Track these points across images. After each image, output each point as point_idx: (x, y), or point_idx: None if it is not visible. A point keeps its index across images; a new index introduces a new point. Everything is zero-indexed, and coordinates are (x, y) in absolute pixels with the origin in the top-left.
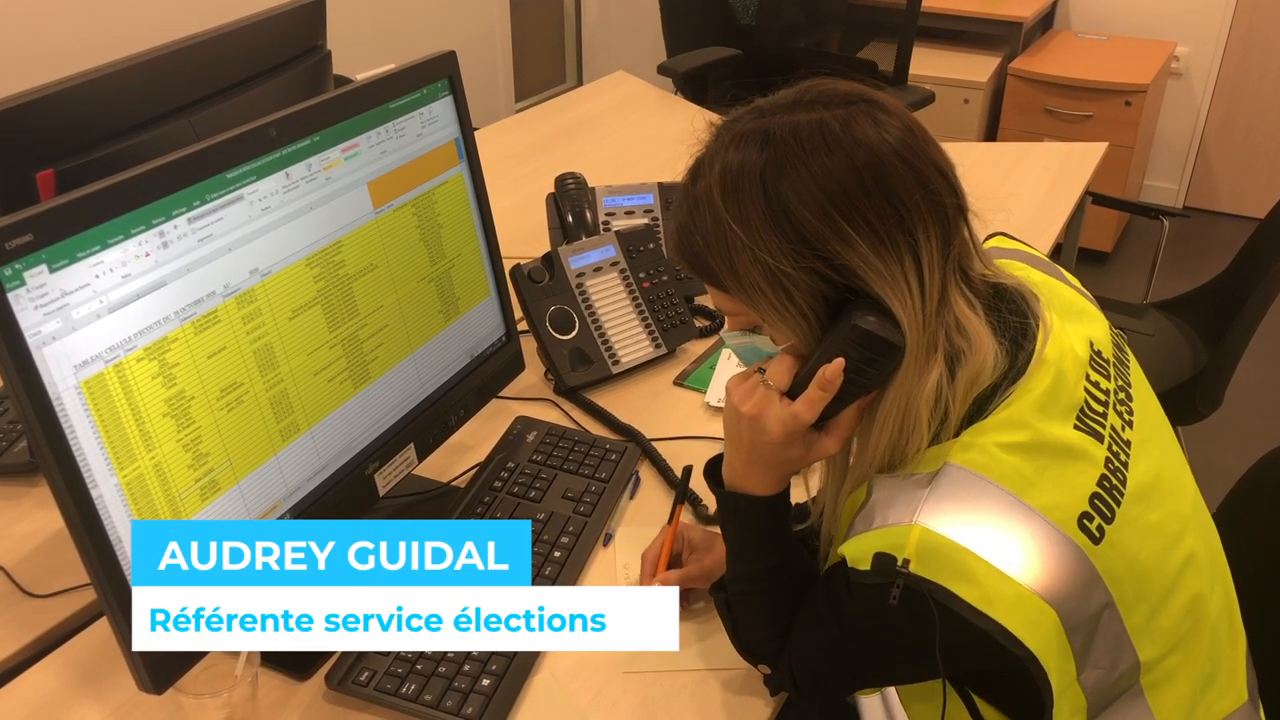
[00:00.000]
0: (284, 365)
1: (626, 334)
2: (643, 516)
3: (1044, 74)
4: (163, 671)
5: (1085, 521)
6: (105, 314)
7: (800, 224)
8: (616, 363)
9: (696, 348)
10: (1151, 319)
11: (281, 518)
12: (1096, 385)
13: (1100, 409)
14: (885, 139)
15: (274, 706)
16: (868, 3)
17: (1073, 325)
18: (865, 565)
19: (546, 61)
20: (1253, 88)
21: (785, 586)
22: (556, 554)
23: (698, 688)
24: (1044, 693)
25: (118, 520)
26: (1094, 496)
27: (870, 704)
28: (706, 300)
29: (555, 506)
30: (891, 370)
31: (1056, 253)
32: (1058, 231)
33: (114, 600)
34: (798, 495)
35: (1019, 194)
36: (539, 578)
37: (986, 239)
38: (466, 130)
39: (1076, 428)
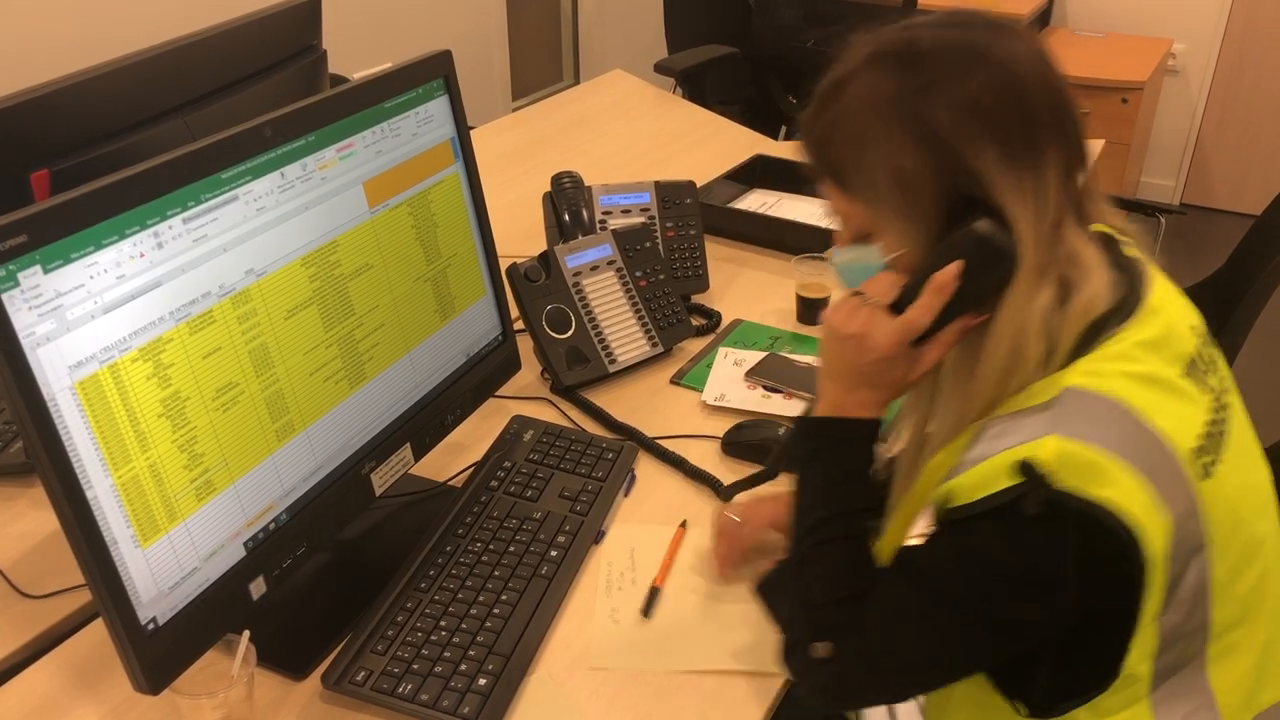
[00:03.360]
0: (279, 365)
1: (623, 333)
2: (639, 515)
3: None
4: (158, 672)
5: (1197, 455)
6: (100, 315)
7: (936, 127)
8: (613, 361)
9: (693, 346)
10: None
11: (277, 518)
12: (1204, 353)
13: (1205, 367)
14: (1028, 64)
15: (270, 706)
16: (865, 0)
17: (1181, 296)
18: (986, 490)
19: (543, 60)
20: (1249, 85)
21: (867, 536)
22: (553, 553)
23: (695, 687)
24: (1126, 625)
25: (113, 521)
26: (1203, 435)
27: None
28: (702, 299)
29: (552, 505)
30: (1002, 283)
31: None
32: None
33: (109, 601)
34: None
35: None
36: (536, 577)
37: None
38: (462, 129)
39: (1184, 375)
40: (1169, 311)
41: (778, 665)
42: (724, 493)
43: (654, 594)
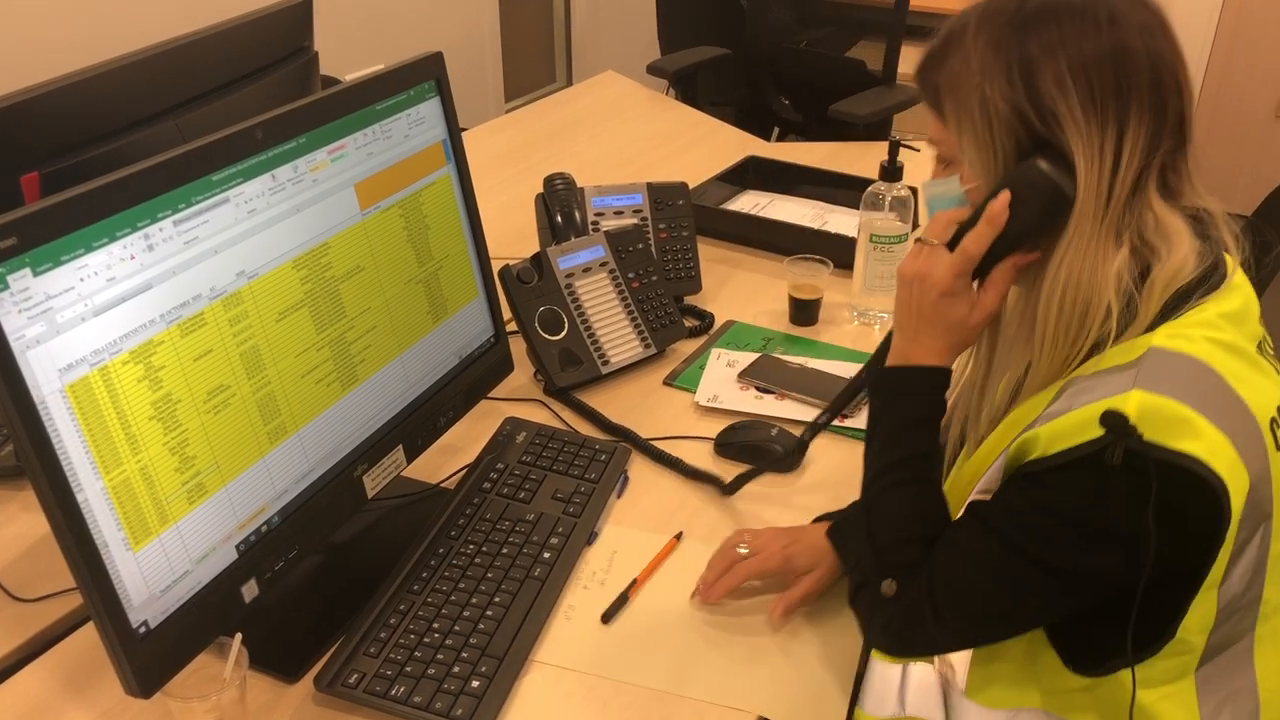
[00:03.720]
0: (271, 367)
1: (616, 334)
2: (631, 517)
3: None
4: (150, 675)
5: (1272, 427)
6: (90, 317)
7: (1033, 66)
8: (606, 363)
9: (686, 347)
10: None
11: (269, 520)
12: (1267, 339)
13: (1272, 351)
14: (1141, 35)
15: (263, 709)
16: (856, 1)
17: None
18: (1068, 442)
19: (536, 61)
20: (1239, 85)
21: (936, 480)
22: (546, 555)
23: (690, 694)
24: (1192, 582)
25: (104, 524)
26: (1278, 409)
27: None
28: (695, 300)
29: (545, 507)
30: (1055, 222)
31: None
32: None
33: (100, 604)
34: None
35: None
36: (528, 579)
37: None
38: (454, 131)
39: (1259, 353)
40: (1247, 291)
41: (850, 605)
42: (727, 489)
43: (622, 601)
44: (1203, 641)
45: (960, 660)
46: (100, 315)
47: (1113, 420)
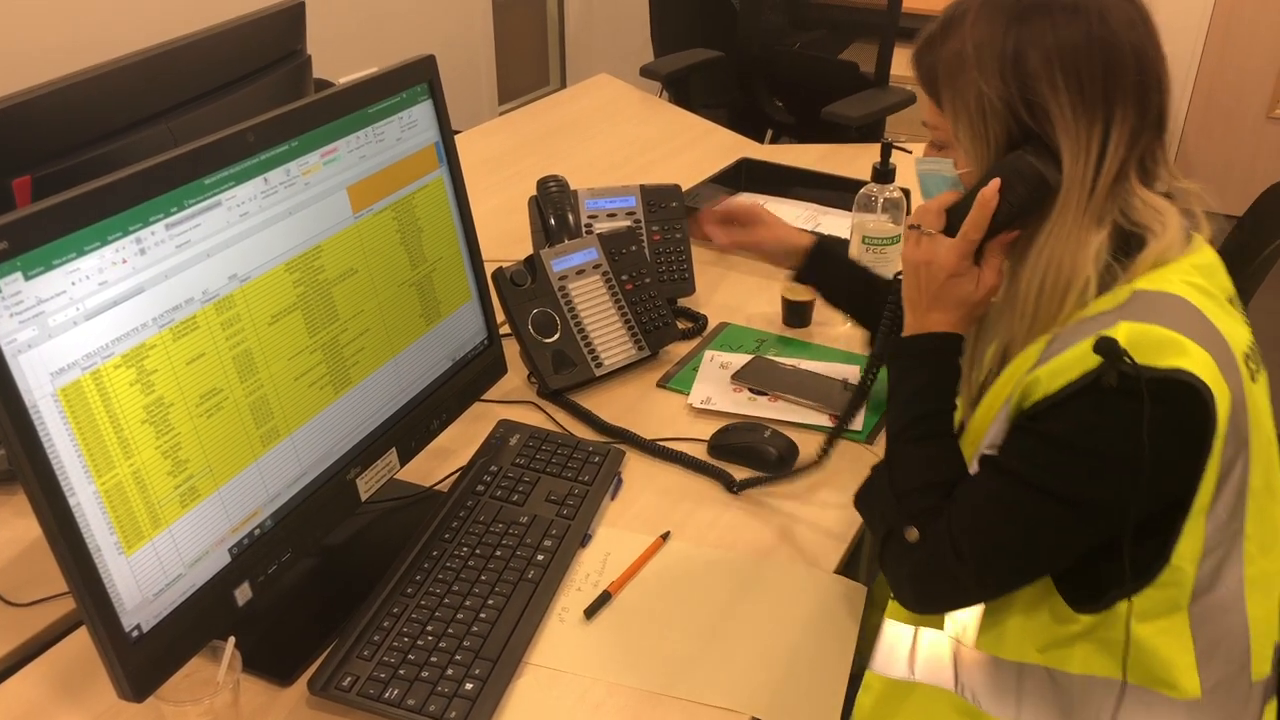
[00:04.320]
0: (264, 371)
1: (609, 336)
2: (625, 519)
3: None
4: (143, 679)
5: (1248, 360)
6: (82, 321)
7: (1024, 62)
8: (599, 365)
9: (679, 350)
10: None
11: (262, 524)
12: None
13: (1240, 306)
14: (1128, 31)
15: (256, 713)
16: (850, 3)
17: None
18: (1066, 377)
19: (530, 64)
20: (1231, 87)
21: (953, 437)
22: (539, 557)
23: (682, 695)
24: (1185, 501)
25: (96, 528)
26: (1251, 346)
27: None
28: (688, 302)
29: (538, 509)
30: (1038, 206)
31: None
32: None
33: (93, 608)
34: None
35: None
36: (522, 581)
37: None
38: (446, 134)
39: (1229, 303)
40: (1214, 256)
41: (878, 561)
42: (736, 488)
43: (604, 599)
44: (1193, 571)
45: (972, 618)
46: (92, 319)
47: (1105, 345)
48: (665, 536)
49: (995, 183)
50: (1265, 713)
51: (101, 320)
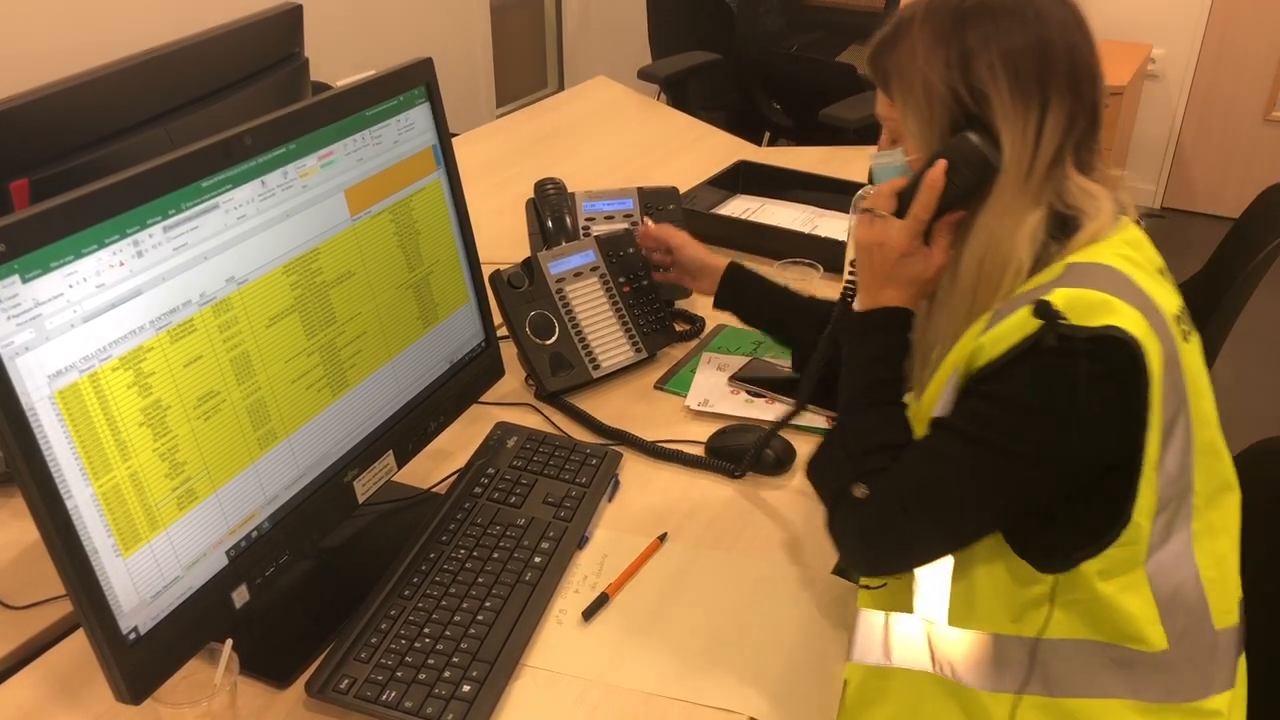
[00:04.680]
0: (261, 373)
1: (606, 338)
2: (623, 521)
3: None
4: (140, 681)
5: (1179, 320)
6: (79, 324)
7: (966, 51)
8: (597, 367)
9: (677, 351)
10: None
11: (260, 526)
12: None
13: (1171, 278)
14: (1062, 31)
15: (254, 715)
16: (847, 5)
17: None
18: (1008, 341)
19: (527, 66)
20: (1227, 89)
21: (903, 405)
22: (536, 559)
23: (679, 697)
24: (1135, 460)
25: (93, 531)
26: (1181, 310)
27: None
28: (686, 304)
29: (536, 512)
30: (981, 186)
31: None
32: None
33: (90, 611)
34: None
35: None
36: (519, 584)
37: None
38: (444, 137)
39: (1159, 274)
40: (1140, 232)
41: (826, 531)
42: (738, 472)
43: (601, 601)
44: (1149, 526)
45: (941, 596)
46: (90, 321)
47: (1042, 308)
48: (662, 538)
49: (941, 164)
50: (1238, 666)
51: (99, 323)
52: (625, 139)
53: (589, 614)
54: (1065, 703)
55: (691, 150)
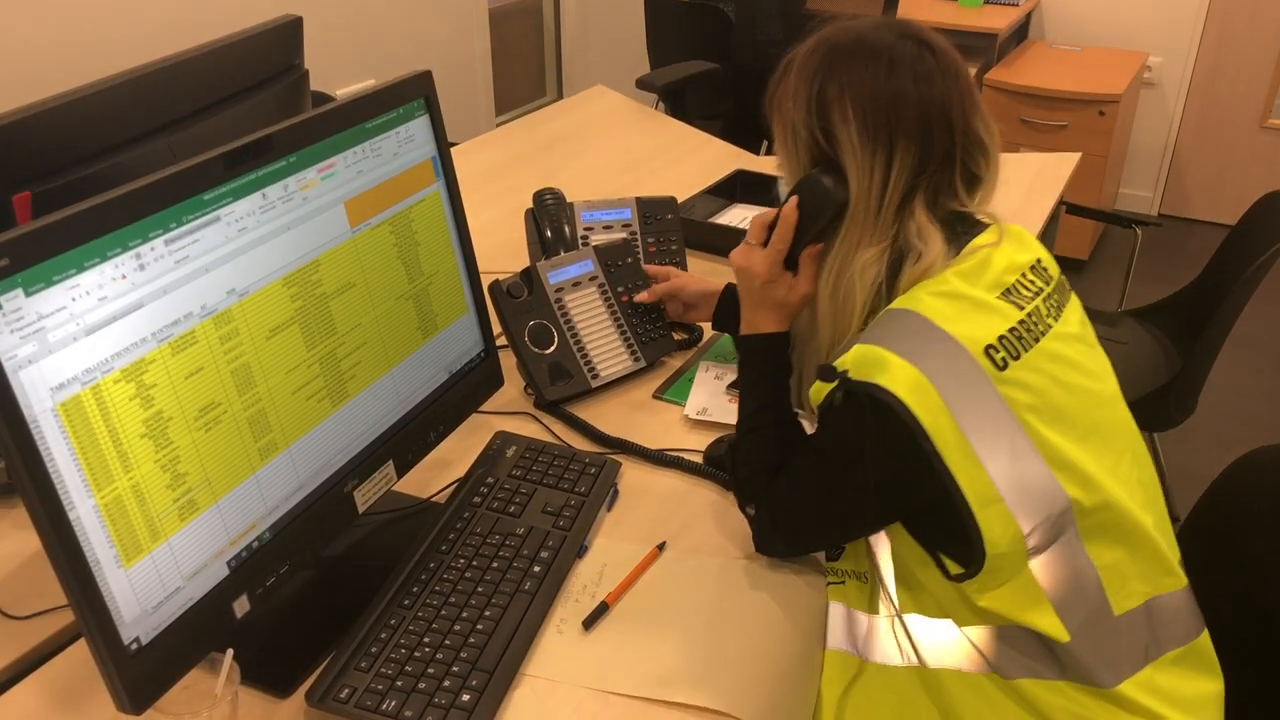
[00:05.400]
0: (262, 385)
1: (605, 348)
2: (621, 530)
3: (1019, 85)
4: (142, 691)
5: (990, 351)
6: (82, 336)
7: (823, 96)
8: (596, 376)
9: (675, 361)
10: (1126, 327)
11: (261, 536)
12: (1031, 282)
13: (1028, 294)
14: (914, 81)
15: None
16: (843, 15)
17: (1024, 249)
18: (819, 395)
19: (526, 75)
20: (1223, 96)
21: (783, 424)
22: (536, 569)
23: (681, 706)
24: (956, 502)
25: (95, 542)
26: (1001, 338)
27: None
28: None
29: (535, 521)
30: (833, 221)
31: None
32: None
33: (92, 621)
34: None
35: (995, 203)
36: (519, 593)
37: None
38: (443, 148)
39: (999, 297)
40: (991, 255)
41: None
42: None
43: (602, 610)
44: (1017, 547)
45: (893, 593)
46: (92, 334)
47: (823, 372)
48: (661, 547)
49: (793, 200)
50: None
51: (101, 335)
52: (623, 148)
53: (589, 623)
54: (1017, 684)
55: (689, 159)
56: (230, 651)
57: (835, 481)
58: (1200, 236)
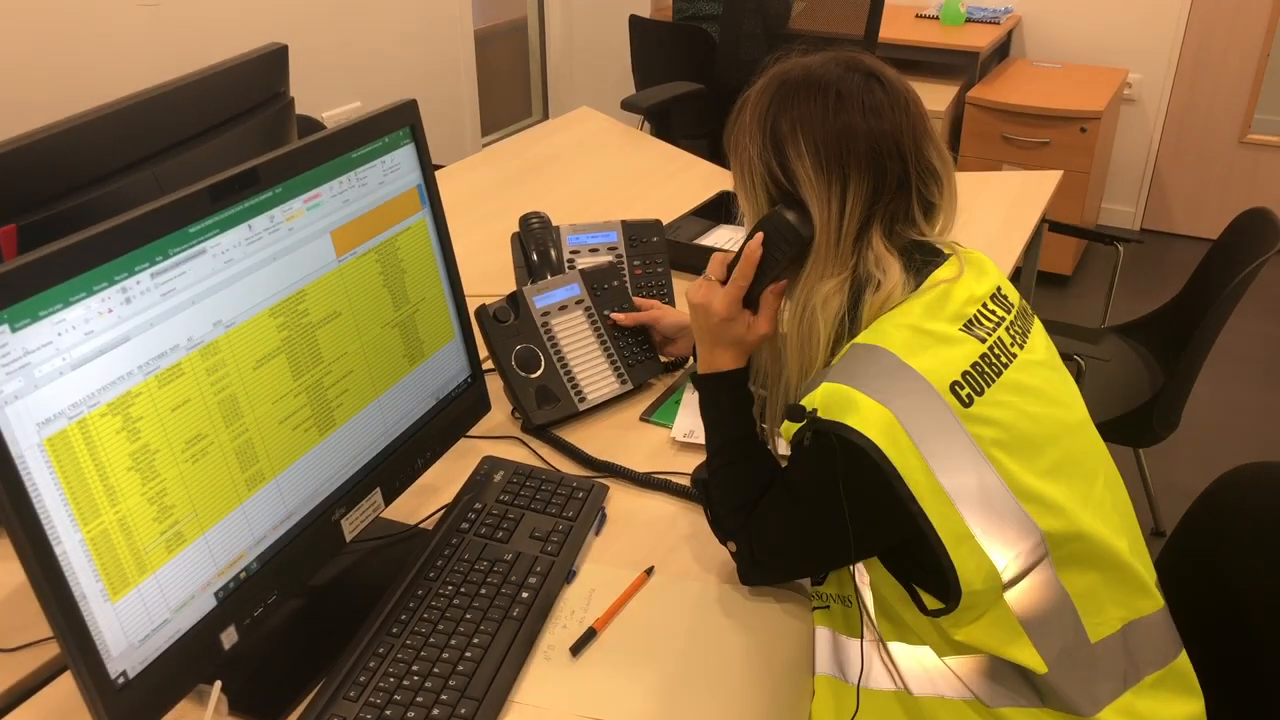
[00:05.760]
0: (248, 415)
1: (592, 371)
2: (609, 554)
3: (1001, 102)
4: None
5: (956, 388)
6: (68, 371)
7: (776, 130)
8: (583, 399)
9: (662, 383)
10: (1109, 343)
11: (248, 567)
12: (993, 312)
13: (990, 324)
14: (864, 114)
15: None
16: (826, 34)
17: (984, 279)
18: (789, 432)
19: (512, 96)
20: (1203, 112)
21: (753, 459)
22: (524, 594)
23: None
24: (931, 538)
25: (82, 576)
26: (965, 374)
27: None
28: None
29: (523, 546)
30: (797, 257)
31: (1015, 277)
32: (1016, 257)
33: (79, 656)
34: None
35: (978, 222)
36: (507, 620)
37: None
38: (428, 177)
39: (961, 329)
40: (951, 287)
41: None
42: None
43: (589, 636)
44: (995, 580)
45: (877, 621)
46: (78, 369)
47: (792, 412)
48: (649, 572)
49: (759, 236)
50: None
51: (87, 370)
52: (609, 170)
53: (577, 649)
54: (1000, 712)
55: (675, 180)
56: (218, 683)
57: (810, 519)
58: (1182, 251)
